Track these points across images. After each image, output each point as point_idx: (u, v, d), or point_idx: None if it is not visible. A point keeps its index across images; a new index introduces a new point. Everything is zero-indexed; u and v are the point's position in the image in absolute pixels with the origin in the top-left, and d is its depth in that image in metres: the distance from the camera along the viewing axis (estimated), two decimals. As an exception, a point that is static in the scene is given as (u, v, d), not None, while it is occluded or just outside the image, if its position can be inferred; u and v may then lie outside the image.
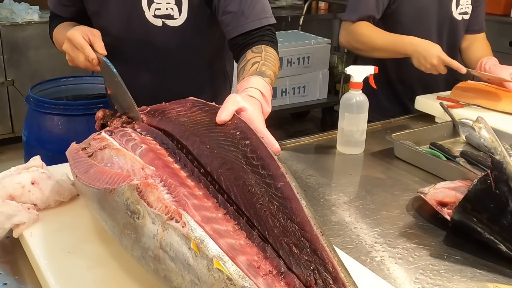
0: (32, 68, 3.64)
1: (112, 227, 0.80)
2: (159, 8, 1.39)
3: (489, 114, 1.64)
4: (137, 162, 0.84)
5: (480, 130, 1.03)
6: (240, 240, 0.67)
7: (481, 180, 0.99)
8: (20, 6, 3.70)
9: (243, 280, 0.59)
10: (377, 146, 1.52)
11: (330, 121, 4.26)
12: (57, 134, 2.33)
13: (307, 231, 0.66)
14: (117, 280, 0.82)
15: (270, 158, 0.77)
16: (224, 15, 1.37)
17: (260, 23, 1.37)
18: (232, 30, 1.36)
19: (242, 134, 0.84)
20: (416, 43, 1.75)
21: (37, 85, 2.64)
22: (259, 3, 1.37)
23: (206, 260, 0.62)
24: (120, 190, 0.75)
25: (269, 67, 1.23)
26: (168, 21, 1.40)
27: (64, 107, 2.38)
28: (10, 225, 0.93)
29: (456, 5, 1.90)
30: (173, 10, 1.39)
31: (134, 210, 0.72)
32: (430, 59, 1.72)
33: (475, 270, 0.96)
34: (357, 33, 1.82)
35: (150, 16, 1.40)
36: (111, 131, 1.02)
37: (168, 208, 0.68)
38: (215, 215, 0.71)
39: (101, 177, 0.84)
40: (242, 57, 1.31)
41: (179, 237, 0.65)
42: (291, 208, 0.69)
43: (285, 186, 0.72)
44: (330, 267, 0.63)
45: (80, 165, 0.94)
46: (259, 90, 1.10)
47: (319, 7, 4.62)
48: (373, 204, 1.19)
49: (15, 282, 0.88)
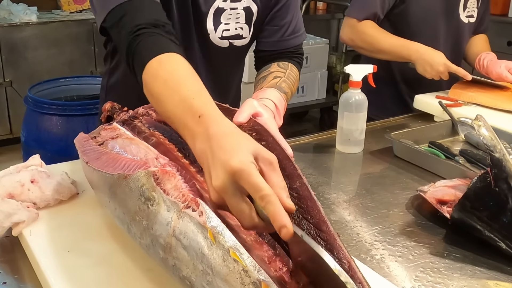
0: (30, 69, 3.64)
1: (122, 214, 0.79)
2: (228, 29, 1.25)
3: (488, 113, 1.64)
4: (151, 152, 0.84)
5: (480, 128, 1.03)
6: (250, 237, 0.67)
7: (480, 178, 0.99)
8: (18, 7, 3.70)
9: (258, 273, 0.58)
10: (376, 145, 1.52)
11: (329, 121, 4.27)
12: (56, 134, 2.34)
13: (323, 231, 0.66)
14: (118, 278, 0.82)
15: (287, 159, 0.77)
16: (268, 25, 1.32)
17: (299, 40, 1.36)
18: (270, 44, 1.33)
19: (259, 136, 0.84)
20: (422, 51, 1.76)
21: (35, 85, 2.65)
22: (300, 19, 1.35)
23: (222, 250, 0.61)
24: (135, 176, 0.75)
25: (289, 85, 1.23)
26: (236, 41, 1.29)
27: (62, 108, 2.38)
28: (10, 223, 0.93)
29: (464, 8, 1.91)
30: (242, 29, 1.27)
31: (148, 197, 0.71)
32: (436, 67, 1.74)
33: (475, 268, 0.96)
34: (363, 33, 1.81)
35: (216, 38, 1.25)
36: (122, 122, 1.02)
37: (185, 196, 0.67)
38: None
39: (114, 163, 0.84)
40: (266, 67, 1.30)
41: (195, 226, 0.64)
42: (307, 208, 0.69)
43: (302, 186, 0.72)
44: (347, 267, 0.62)
45: (91, 152, 0.94)
46: (274, 102, 1.10)
47: (317, 8, 4.62)
48: (372, 202, 1.19)
49: (15, 281, 0.87)
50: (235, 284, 0.59)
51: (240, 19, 1.26)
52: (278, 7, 1.31)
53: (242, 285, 0.59)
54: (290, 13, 1.32)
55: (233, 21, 1.25)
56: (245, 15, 1.26)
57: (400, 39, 1.80)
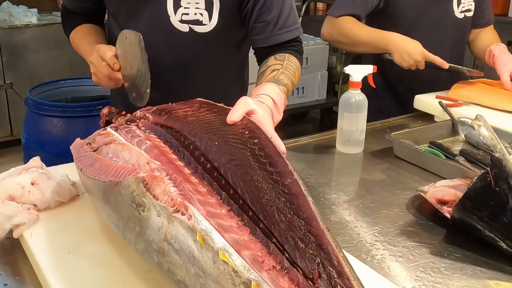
0: (30, 71, 3.64)
1: (116, 221, 0.80)
2: (187, 13, 1.31)
3: (488, 113, 1.64)
4: (142, 157, 0.84)
5: (480, 128, 1.03)
6: (243, 236, 0.67)
7: (481, 177, 0.99)
8: (19, 9, 3.71)
9: (248, 272, 0.59)
10: (376, 146, 1.52)
11: (329, 122, 4.27)
12: (56, 136, 2.34)
13: (313, 226, 0.66)
14: (118, 280, 0.82)
15: (278, 156, 0.78)
16: (256, 23, 1.33)
17: (293, 35, 1.35)
18: (263, 40, 1.34)
19: (251, 133, 0.85)
20: (398, 40, 1.76)
21: (36, 87, 2.64)
22: (292, 13, 1.35)
23: (212, 252, 0.62)
24: (126, 183, 0.75)
25: (288, 76, 1.22)
26: (196, 27, 1.32)
27: (63, 109, 2.38)
28: (10, 225, 0.93)
29: (457, 4, 1.90)
30: (202, 15, 1.31)
31: (139, 203, 0.72)
32: (414, 56, 1.73)
33: (476, 267, 0.96)
34: (341, 27, 1.82)
35: (176, 21, 1.31)
36: (116, 127, 1.03)
37: (174, 200, 0.68)
38: (218, 211, 0.71)
39: (106, 170, 0.85)
40: (264, 62, 1.30)
41: (185, 230, 0.65)
42: (298, 204, 0.70)
43: (293, 183, 0.73)
44: (335, 262, 0.63)
45: (85, 159, 0.95)
46: (271, 97, 1.09)
47: (317, 8, 4.63)
48: (373, 203, 1.19)
49: (16, 283, 0.88)
50: (227, 285, 0.60)
51: (200, 5, 1.30)
52: (262, 3, 1.32)
53: (233, 286, 0.60)
54: (276, 7, 1.32)
55: (192, 5, 1.30)
56: (205, 2, 1.31)
57: (377, 30, 1.80)
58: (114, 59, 1.22)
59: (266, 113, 0.99)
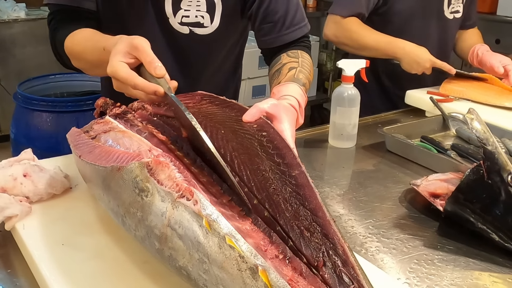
0: (18, 66, 3.61)
1: (116, 207, 0.79)
2: (187, 16, 1.28)
3: (478, 108, 1.64)
4: (144, 144, 0.83)
5: (472, 121, 1.04)
6: (245, 225, 0.67)
7: (473, 170, 1.00)
8: (6, 4, 3.67)
9: (255, 258, 0.59)
10: (368, 140, 1.53)
11: (320, 119, 4.28)
12: (46, 131, 2.31)
13: (319, 216, 0.66)
14: (112, 271, 0.81)
15: (287, 149, 0.78)
16: (263, 24, 1.31)
17: (302, 32, 1.33)
18: (271, 40, 1.32)
19: (259, 127, 0.84)
20: (408, 49, 1.77)
21: (25, 82, 2.62)
22: (299, 10, 1.34)
23: (218, 237, 0.61)
24: (129, 168, 0.74)
25: (305, 75, 1.20)
26: (197, 29, 1.30)
27: (52, 104, 2.36)
28: (2, 217, 0.92)
29: (448, 5, 1.92)
30: (203, 18, 1.29)
31: (142, 188, 0.71)
32: (423, 64, 1.76)
33: (469, 259, 0.96)
34: (348, 29, 1.81)
35: (176, 23, 1.28)
36: (115, 115, 1.01)
37: (179, 186, 0.67)
38: (219, 201, 0.71)
39: (107, 156, 0.84)
40: (276, 60, 1.28)
41: (190, 215, 0.64)
42: (305, 195, 0.69)
43: (300, 174, 0.72)
44: (341, 251, 0.63)
45: (83, 146, 0.93)
46: (297, 99, 1.06)
47: (307, 5, 4.62)
48: (366, 196, 1.20)
49: (8, 276, 0.87)
50: (232, 270, 0.59)
51: (201, 7, 1.28)
52: (266, 4, 1.30)
53: (239, 271, 0.59)
54: (282, 6, 1.31)
55: (193, 8, 1.27)
56: (206, 4, 1.29)
57: (385, 36, 1.81)
58: (150, 88, 0.90)
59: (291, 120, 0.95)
